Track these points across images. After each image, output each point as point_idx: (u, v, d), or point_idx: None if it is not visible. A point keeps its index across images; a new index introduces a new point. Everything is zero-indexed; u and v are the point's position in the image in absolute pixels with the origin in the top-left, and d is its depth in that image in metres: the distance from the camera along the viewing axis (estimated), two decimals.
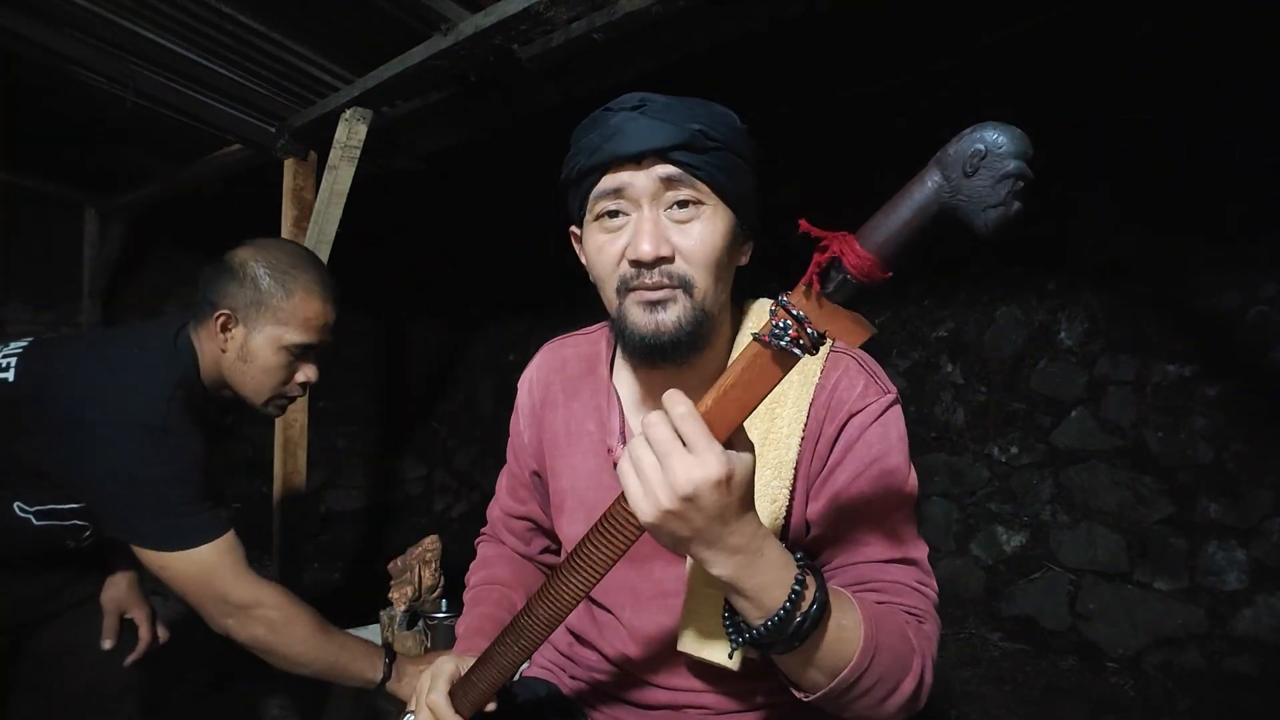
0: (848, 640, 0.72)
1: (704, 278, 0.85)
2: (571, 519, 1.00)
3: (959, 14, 3.14)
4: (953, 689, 2.99)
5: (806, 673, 0.73)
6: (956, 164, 0.56)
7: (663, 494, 0.63)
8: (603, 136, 0.85)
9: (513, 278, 6.05)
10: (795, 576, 0.70)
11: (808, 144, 4.30)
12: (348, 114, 2.58)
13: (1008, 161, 0.55)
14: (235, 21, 2.34)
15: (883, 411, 0.90)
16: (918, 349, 3.98)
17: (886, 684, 0.75)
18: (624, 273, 0.86)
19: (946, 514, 3.73)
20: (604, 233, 0.88)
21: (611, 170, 0.85)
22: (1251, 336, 3.04)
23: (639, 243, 0.83)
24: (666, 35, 1.97)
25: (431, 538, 1.99)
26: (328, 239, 2.74)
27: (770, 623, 0.69)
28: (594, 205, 0.88)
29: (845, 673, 0.72)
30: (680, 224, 0.85)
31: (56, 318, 4.70)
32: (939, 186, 0.57)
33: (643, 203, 0.85)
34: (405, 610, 1.90)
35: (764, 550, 0.69)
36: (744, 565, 0.68)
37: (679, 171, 0.83)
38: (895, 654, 0.75)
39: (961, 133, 0.57)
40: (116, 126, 3.42)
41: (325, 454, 5.71)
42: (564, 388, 1.05)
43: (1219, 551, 3.01)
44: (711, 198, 0.86)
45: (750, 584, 0.68)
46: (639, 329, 0.86)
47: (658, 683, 0.97)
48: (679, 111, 0.85)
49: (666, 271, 0.84)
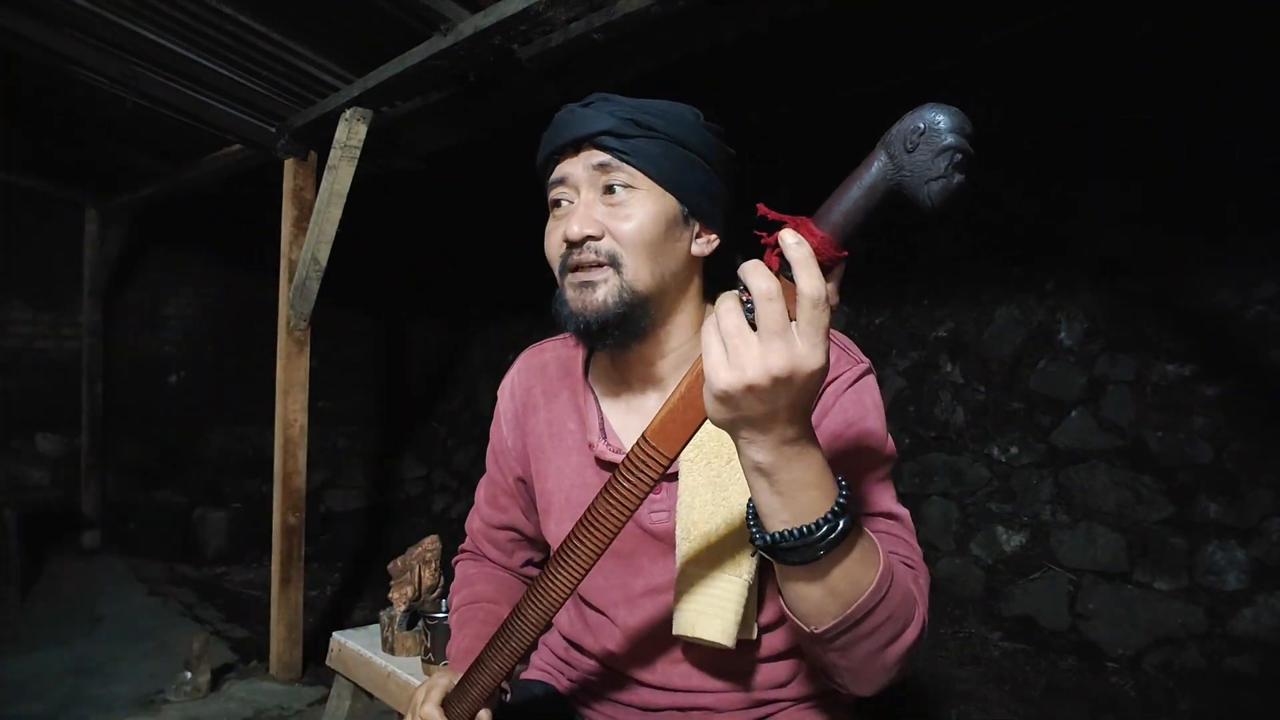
0: (867, 566, 0.69)
1: (632, 257, 0.89)
2: (559, 519, 1.01)
3: (959, 14, 3.14)
4: (953, 689, 2.99)
5: (819, 597, 0.69)
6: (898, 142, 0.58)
7: (752, 366, 0.59)
8: (552, 133, 0.93)
9: (513, 278, 6.05)
10: (842, 483, 0.68)
11: (807, 144, 4.30)
12: (348, 114, 2.58)
13: (945, 136, 0.57)
14: (235, 21, 2.34)
15: (856, 379, 0.91)
16: (918, 349, 3.98)
17: (894, 625, 0.73)
18: (562, 254, 0.92)
19: (946, 514, 3.73)
20: (553, 220, 0.95)
21: (556, 161, 0.93)
22: (1251, 336, 3.04)
23: (569, 223, 0.89)
24: (666, 35, 1.97)
25: (431, 538, 1.99)
26: (328, 239, 2.74)
27: (800, 530, 0.66)
28: (549, 197, 0.95)
29: (863, 598, 0.69)
30: (611, 206, 0.90)
31: (56, 318, 4.71)
32: (884, 165, 0.60)
33: (581, 189, 0.91)
34: (405, 610, 1.90)
35: (809, 450, 0.66)
36: (789, 458, 0.65)
37: (608, 157, 0.89)
38: (905, 592, 0.74)
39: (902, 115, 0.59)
40: (117, 126, 3.43)
41: (325, 454, 5.71)
42: (544, 390, 1.06)
43: (1219, 551, 3.01)
44: (645, 182, 0.90)
45: (787, 477, 0.65)
46: (569, 306, 0.91)
47: (654, 683, 0.97)
48: (621, 106, 0.90)
49: (594, 248, 0.89)
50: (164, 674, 2.89)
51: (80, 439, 4.70)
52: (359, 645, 1.95)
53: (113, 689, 2.81)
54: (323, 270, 2.78)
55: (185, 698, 2.72)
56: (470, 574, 1.15)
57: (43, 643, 3.21)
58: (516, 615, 0.83)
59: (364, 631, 2.06)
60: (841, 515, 0.66)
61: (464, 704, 0.90)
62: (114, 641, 3.28)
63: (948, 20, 3.20)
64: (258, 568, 4.63)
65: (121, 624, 3.49)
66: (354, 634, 2.04)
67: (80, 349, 4.71)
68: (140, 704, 2.70)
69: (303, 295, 2.82)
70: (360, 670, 1.93)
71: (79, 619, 3.52)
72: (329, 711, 2.10)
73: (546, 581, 0.79)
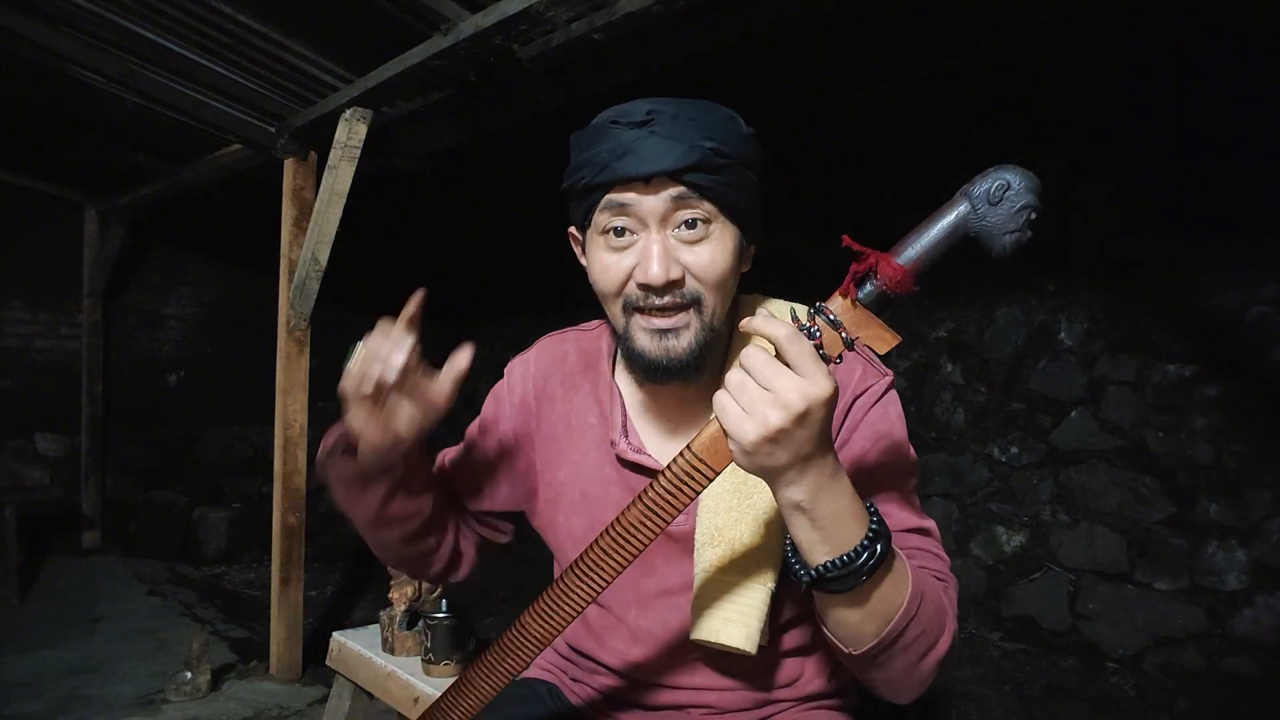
0: (900, 586, 0.72)
1: (713, 297, 0.85)
2: (569, 512, 1.00)
3: (960, 16, 3.14)
4: (953, 689, 2.99)
5: (857, 620, 0.72)
6: (983, 196, 0.66)
7: (772, 411, 0.64)
8: (611, 154, 0.82)
9: (513, 278, 6.06)
10: (870, 508, 0.71)
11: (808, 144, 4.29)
12: (348, 114, 2.58)
13: (1026, 196, 0.66)
14: (235, 21, 2.34)
15: (884, 393, 0.93)
16: (918, 349, 3.98)
17: (928, 639, 0.75)
18: (630, 293, 0.86)
19: (946, 514, 3.73)
20: (610, 251, 0.86)
21: (618, 188, 0.83)
22: (1251, 336, 3.04)
23: (648, 266, 0.82)
24: (666, 35, 1.97)
25: None
26: (328, 239, 2.74)
27: (842, 559, 0.69)
28: (599, 219, 0.86)
29: (897, 619, 0.72)
30: (689, 244, 0.84)
31: (56, 318, 4.71)
32: (966, 213, 0.67)
33: (650, 223, 0.83)
34: (405, 610, 1.90)
35: (842, 480, 0.70)
36: (824, 490, 0.68)
37: (689, 192, 0.82)
38: (936, 606, 0.76)
39: (986, 171, 0.67)
40: (116, 126, 3.43)
41: None
42: (563, 382, 1.04)
43: (1219, 551, 3.01)
44: (719, 216, 0.85)
45: (826, 511, 0.68)
46: (648, 354, 0.86)
47: (662, 682, 0.97)
48: (688, 126, 0.82)
49: (678, 294, 0.84)
50: (164, 674, 2.89)
51: (80, 439, 4.70)
52: (359, 645, 1.95)
53: (112, 689, 2.81)
54: (323, 270, 2.78)
55: (185, 698, 2.72)
56: None
57: (42, 642, 3.21)
58: (530, 620, 0.81)
59: (364, 631, 2.06)
60: (877, 540, 0.70)
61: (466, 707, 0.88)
62: (114, 641, 3.28)
63: (949, 22, 3.20)
64: (258, 568, 4.63)
65: (121, 624, 3.48)
66: (354, 634, 2.04)
67: (80, 349, 4.71)
68: (140, 704, 2.70)
69: (303, 295, 2.82)
70: (360, 670, 1.93)
71: (79, 619, 3.51)
72: (329, 711, 2.09)
73: (568, 585, 0.78)
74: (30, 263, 4.59)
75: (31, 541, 4.19)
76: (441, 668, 1.76)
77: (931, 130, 3.91)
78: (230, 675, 2.95)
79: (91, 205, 4.66)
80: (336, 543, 5.25)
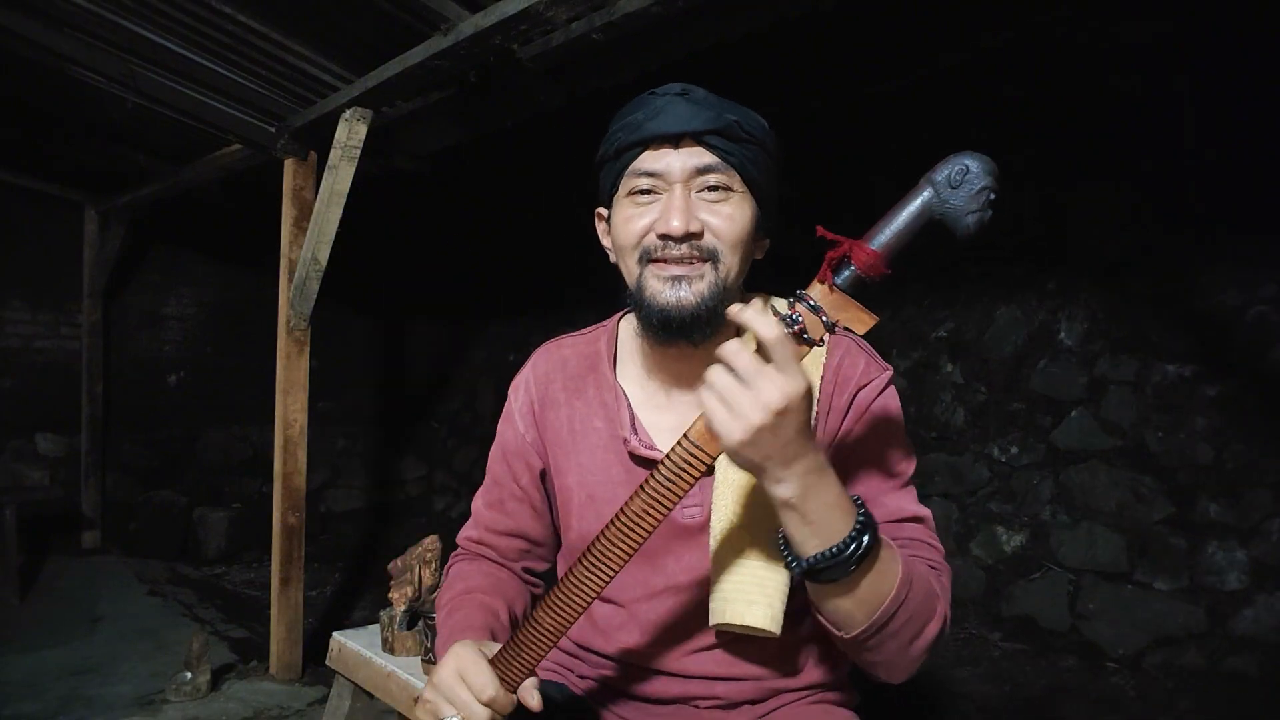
0: (888, 574, 0.76)
1: (730, 255, 0.89)
2: (580, 516, 1.00)
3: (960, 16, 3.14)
4: (953, 689, 2.99)
5: (848, 607, 0.77)
6: (944, 181, 0.70)
7: (754, 410, 0.67)
8: (646, 115, 0.89)
9: (513, 278, 6.06)
10: (857, 500, 0.75)
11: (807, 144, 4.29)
12: (348, 114, 2.58)
13: (983, 179, 0.70)
14: (235, 21, 2.34)
15: (885, 386, 0.96)
16: (918, 349, 3.98)
17: (917, 623, 0.79)
18: (649, 243, 0.90)
19: (946, 514, 3.73)
20: (634, 206, 0.91)
21: (650, 148, 0.89)
22: (1251, 336, 3.04)
23: (669, 217, 0.87)
24: (667, 35, 1.97)
25: (431, 538, 1.99)
26: (328, 239, 2.74)
27: (831, 550, 0.73)
28: (628, 181, 0.91)
29: (885, 605, 0.76)
30: (711, 204, 0.89)
31: (57, 318, 4.71)
32: (929, 198, 0.71)
33: (675, 184, 0.88)
34: (405, 610, 1.90)
35: (827, 474, 0.73)
36: (812, 486, 0.72)
37: (713, 158, 0.88)
38: (926, 593, 0.80)
39: (946, 158, 0.71)
40: (116, 126, 3.43)
41: (325, 454, 5.71)
42: (565, 386, 1.05)
43: (1219, 551, 3.01)
44: (741, 185, 0.90)
45: (815, 505, 0.72)
46: (658, 300, 0.89)
47: (672, 675, 0.97)
48: (718, 103, 0.89)
49: (696, 245, 0.88)
50: (164, 674, 2.89)
51: (80, 439, 4.70)
52: (359, 645, 1.95)
53: (112, 689, 2.81)
54: (323, 270, 2.78)
55: (185, 698, 2.72)
56: (465, 569, 1.07)
57: (42, 642, 3.21)
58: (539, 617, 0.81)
59: (364, 631, 2.06)
60: (865, 530, 0.74)
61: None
62: (114, 641, 3.28)
63: (949, 21, 3.20)
64: (258, 568, 4.63)
65: (121, 624, 3.48)
66: (354, 634, 2.03)
67: (80, 349, 4.71)
68: (140, 704, 2.70)
69: (303, 295, 2.82)
70: (360, 670, 1.93)
71: (79, 619, 3.52)
72: (329, 711, 2.09)
73: (575, 580, 0.79)
74: (30, 263, 4.59)
75: (31, 541, 4.20)
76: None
77: (931, 130, 3.91)
78: (230, 675, 2.95)
79: (91, 205, 4.66)
80: (336, 543, 5.26)
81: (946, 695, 2.94)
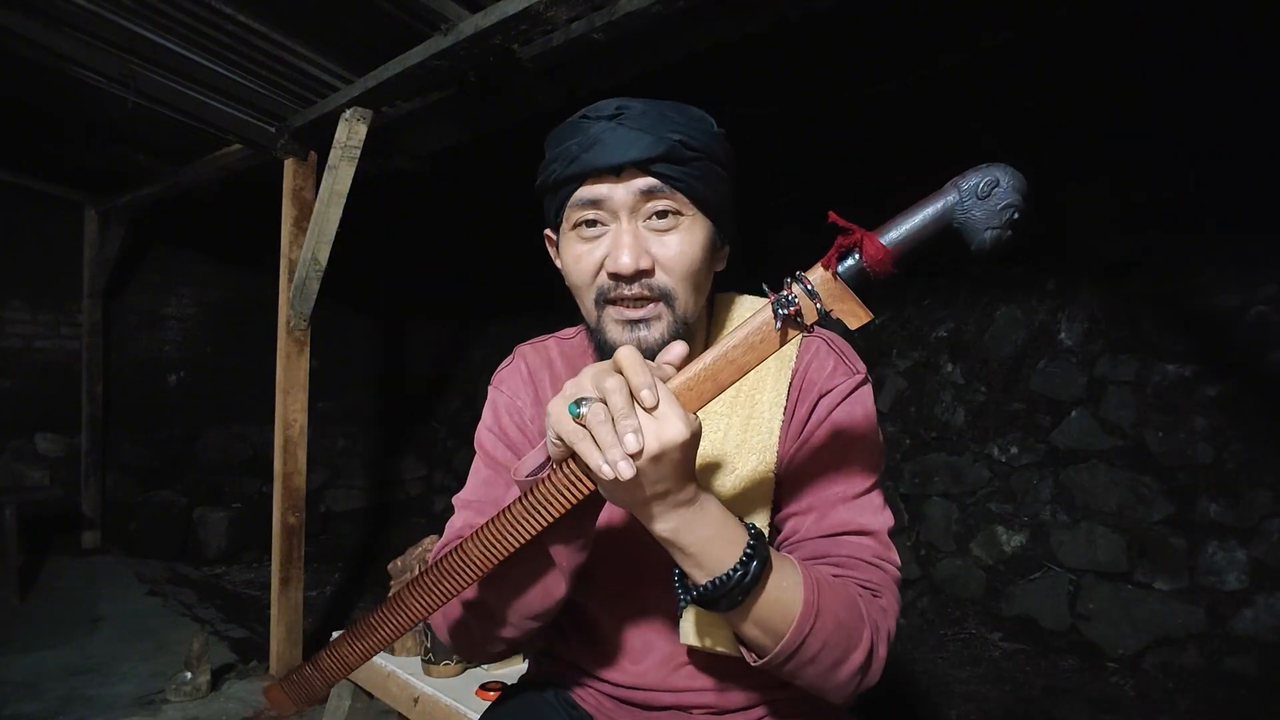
0: (789, 603, 0.75)
1: (684, 289, 0.85)
2: None
3: (960, 15, 3.14)
4: (953, 689, 2.99)
5: (753, 634, 0.76)
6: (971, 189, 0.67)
7: (624, 463, 0.65)
8: (580, 146, 0.83)
9: (513, 278, 6.05)
10: (750, 528, 0.74)
11: (808, 143, 4.30)
12: (348, 114, 2.58)
13: (1012, 195, 0.67)
14: (235, 21, 2.34)
15: (851, 391, 0.92)
16: (918, 349, 3.98)
17: (834, 650, 0.77)
18: (602, 284, 0.86)
19: (946, 514, 3.73)
20: (582, 242, 0.87)
21: (589, 181, 0.84)
22: (1251, 336, 3.04)
23: (618, 255, 0.83)
24: (666, 35, 1.97)
25: (431, 538, 1.99)
26: (328, 239, 2.74)
27: (716, 581, 0.72)
28: (571, 214, 0.87)
29: (789, 633, 0.74)
30: (659, 234, 0.85)
31: (57, 318, 4.71)
32: (953, 203, 0.68)
33: (621, 214, 0.84)
34: None
35: (705, 507, 0.72)
36: (687, 520, 0.71)
37: (658, 184, 0.83)
38: (840, 622, 0.77)
39: (979, 166, 0.68)
40: (116, 126, 3.42)
41: (325, 454, 5.71)
42: (553, 385, 1.03)
43: (1219, 551, 3.01)
44: (690, 208, 0.85)
45: (692, 538, 0.72)
46: (620, 343, 0.84)
47: (663, 686, 0.97)
48: (657, 120, 0.83)
49: (647, 284, 0.84)
50: (164, 674, 2.89)
51: (80, 439, 4.70)
52: None
53: (112, 689, 2.81)
54: (323, 270, 2.78)
55: (185, 698, 2.72)
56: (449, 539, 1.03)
57: (42, 643, 3.21)
58: (423, 585, 0.78)
59: None
60: (751, 561, 0.72)
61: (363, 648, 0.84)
62: (114, 641, 3.28)
63: (949, 21, 3.20)
64: (258, 568, 4.63)
65: (121, 624, 3.49)
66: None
67: (80, 349, 4.71)
68: (140, 704, 2.70)
69: (303, 295, 2.82)
70: (360, 670, 1.93)
71: (79, 619, 3.52)
72: (329, 711, 2.10)
73: (471, 549, 0.75)
74: (30, 263, 4.59)
75: (31, 541, 4.20)
76: (441, 668, 1.76)
77: (931, 130, 3.91)
78: (230, 675, 2.95)
79: (91, 205, 4.66)
80: (336, 543, 5.26)
81: (946, 695, 2.94)
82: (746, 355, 0.70)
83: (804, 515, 0.90)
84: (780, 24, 1.91)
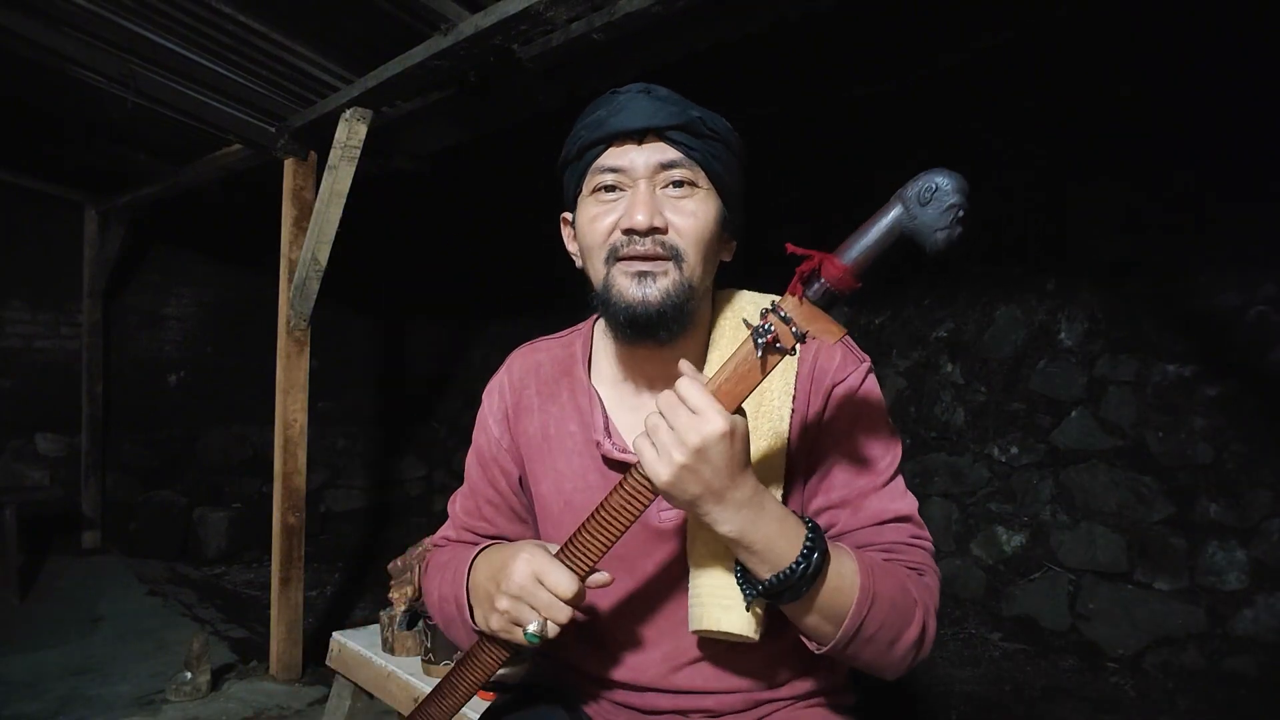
0: (847, 590, 0.79)
1: (694, 253, 0.88)
2: (557, 523, 0.99)
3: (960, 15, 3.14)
4: (953, 689, 2.99)
5: (815, 622, 0.80)
6: (914, 198, 0.71)
7: (675, 450, 0.72)
8: (609, 112, 0.89)
9: (513, 278, 6.06)
10: (807, 522, 0.78)
11: (807, 143, 4.29)
12: (348, 114, 2.58)
13: (952, 196, 0.70)
14: (235, 21, 2.34)
15: (862, 379, 0.95)
16: (918, 349, 3.98)
17: (891, 629, 0.81)
18: (615, 240, 0.89)
19: (946, 514, 3.73)
20: (599, 204, 0.91)
21: (614, 144, 0.89)
22: (1251, 336, 3.04)
23: (634, 212, 0.86)
24: (666, 35, 1.97)
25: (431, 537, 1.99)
26: (328, 239, 2.74)
27: (781, 575, 0.76)
28: (592, 179, 0.91)
29: (849, 617, 0.78)
30: (675, 200, 0.88)
31: (57, 318, 4.71)
32: (900, 214, 0.72)
33: (639, 181, 0.88)
34: (405, 610, 1.90)
35: (765, 505, 0.77)
36: (750, 520, 0.75)
37: (677, 154, 0.88)
38: (894, 602, 0.82)
39: (916, 175, 0.72)
40: (116, 126, 3.42)
41: (325, 454, 5.71)
42: (539, 391, 1.04)
43: (1219, 551, 3.01)
44: (705, 182, 0.90)
45: (756, 536, 0.76)
46: (625, 297, 0.88)
47: (657, 687, 0.97)
48: (681, 101, 0.90)
49: (659, 241, 0.87)
50: (164, 674, 2.89)
51: (80, 439, 4.70)
52: (359, 645, 1.95)
53: (112, 689, 2.81)
54: (323, 270, 2.78)
55: (185, 698, 2.72)
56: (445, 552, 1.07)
57: (42, 643, 3.21)
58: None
59: (364, 631, 2.06)
60: (812, 553, 0.77)
61: (442, 707, 0.91)
62: (114, 641, 3.28)
63: (949, 21, 3.20)
64: (258, 568, 4.63)
65: (121, 624, 3.49)
66: (354, 634, 2.04)
67: (80, 349, 4.71)
68: (140, 704, 2.70)
69: (303, 295, 2.82)
70: (360, 670, 1.93)
71: (79, 619, 3.52)
72: (329, 711, 2.10)
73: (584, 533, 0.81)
74: (30, 263, 4.59)
75: (31, 541, 4.20)
76: (441, 668, 1.76)
77: (931, 130, 3.91)
78: (230, 675, 2.95)
79: (91, 205, 4.66)
80: (336, 543, 5.26)
81: (946, 695, 2.94)
82: (739, 386, 0.75)
83: (839, 509, 0.93)
84: (780, 24, 1.91)
